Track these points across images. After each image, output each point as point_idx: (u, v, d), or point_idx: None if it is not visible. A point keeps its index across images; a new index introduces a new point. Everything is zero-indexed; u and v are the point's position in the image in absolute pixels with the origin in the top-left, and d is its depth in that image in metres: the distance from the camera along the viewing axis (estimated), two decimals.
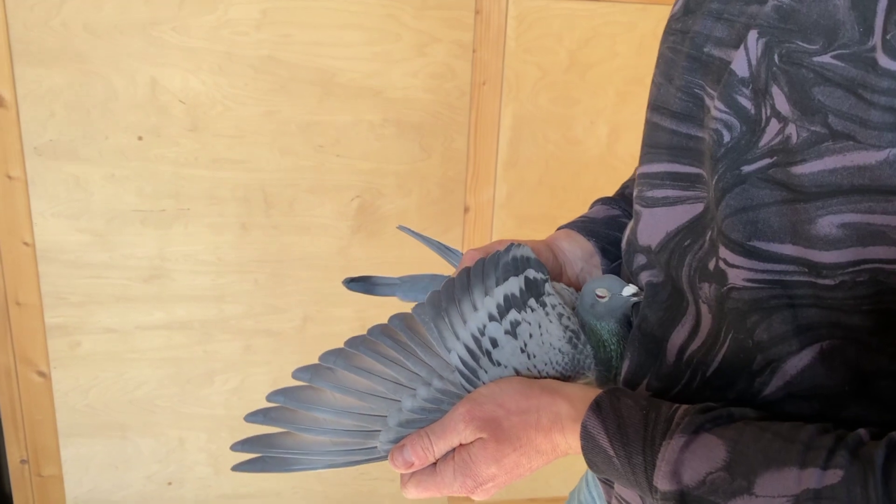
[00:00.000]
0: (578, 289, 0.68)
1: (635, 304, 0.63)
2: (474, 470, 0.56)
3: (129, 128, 1.42)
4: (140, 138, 1.43)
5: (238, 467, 0.62)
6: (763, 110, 0.48)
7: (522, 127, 1.54)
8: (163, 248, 1.50)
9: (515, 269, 0.61)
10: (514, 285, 0.61)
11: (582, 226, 0.72)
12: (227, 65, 1.41)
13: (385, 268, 1.56)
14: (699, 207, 0.56)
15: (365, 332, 0.60)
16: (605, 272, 0.70)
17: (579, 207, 1.74)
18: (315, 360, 0.61)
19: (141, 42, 1.37)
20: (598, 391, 0.55)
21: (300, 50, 1.42)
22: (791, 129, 0.46)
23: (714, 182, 0.52)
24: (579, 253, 0.70)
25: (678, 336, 0.57)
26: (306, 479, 1.72)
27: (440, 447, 0.57)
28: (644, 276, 0.61)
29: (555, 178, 1.59)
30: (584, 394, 0.56)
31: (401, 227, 0.76)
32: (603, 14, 1.49)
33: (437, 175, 1.55)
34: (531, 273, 0.62)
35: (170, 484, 1.67)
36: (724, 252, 0.51)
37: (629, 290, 0.62)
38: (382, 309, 0.63)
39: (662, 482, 0.48)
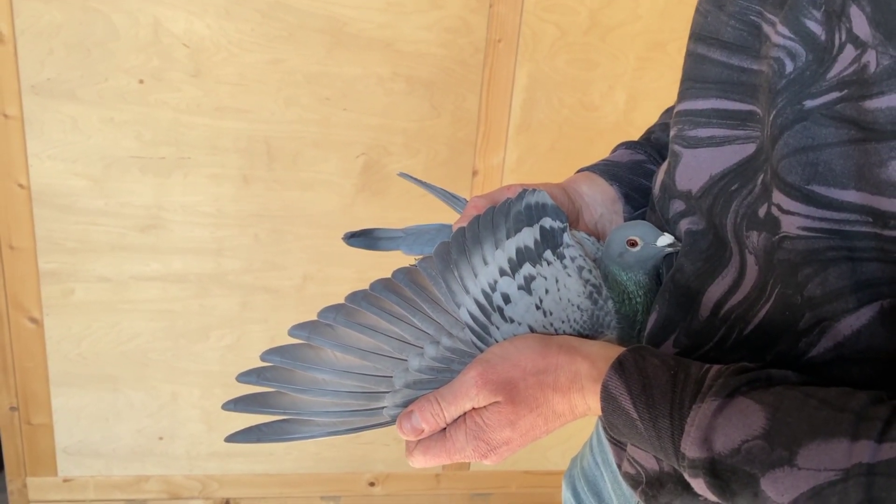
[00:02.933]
0: (598, 237, 0.63)
1: (667, 256, 0.58)
2: (488, 434, 0.53)
3: (130, 70, 1.37)
4: (141, 81, 1.38)
5: (232, 438, 0.57)
6: (837, 35, 0.43)
7: (537, 89, 1.49)
8: (161, 197, 1.46)
9: (529, 219, 0.57)
10: (527, 237, 0.56)
11: (605, 169, 0.68)
12: (233, 8, 1.36)
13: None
14: (750, 148, 0.51)
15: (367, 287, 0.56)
16: (627, 220, 0.65)
17: None
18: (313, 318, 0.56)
19: None
20: (621, 349, 0.51)
21: None
22: (869, 57, 0.41)
23: (771, 118, 0.47)
24: (599, 198, 0.65)
25: (717, 289, 0.53)
26: (301, 441, 1.69)
27: (451, 412, 0.54)
28: (683, 224, 0.56)
29: (568, 144, 1.54)
30: (605, 352, 0.52)
31: (402, 175, 0.71)
32: None
33: (446, 135, 1.50)
34: (547, 222, 0.57)
35: (161, 439, 1.65)
36: (778, 197, 0.47)
37: (665, 239, 0.57)
38: (385, 270, 0.58)
39: (691, 449, 0.45)
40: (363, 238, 0.65)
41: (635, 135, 1.60)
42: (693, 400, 0.46)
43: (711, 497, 0.46)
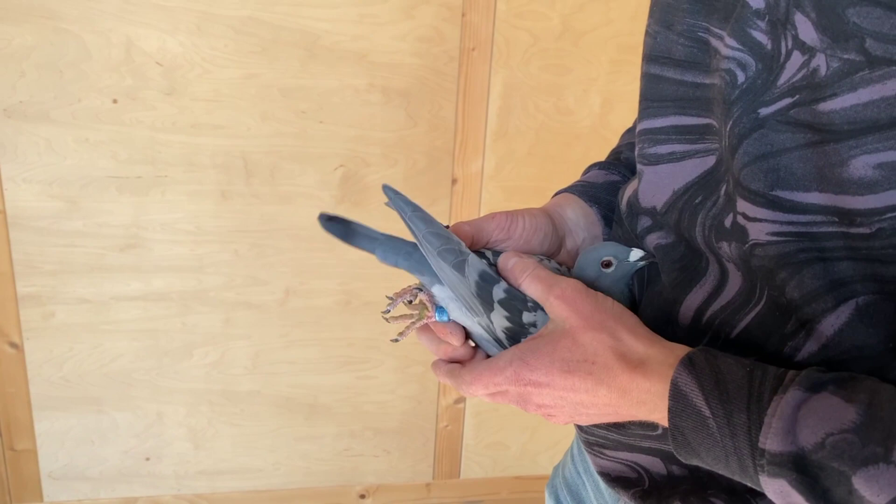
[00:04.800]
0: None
1: (640, 271, 0.58)
2: (535, 358, 0.50)
3: (104, 90, 1.36)
4: (115, 101, 1.37)
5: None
6: (783, 43, 0.44)
7: (512, 95, 1.49)
8: (139, 216, 1.45)
9: (488, 301, 0.55)
10: (499, 317, 0.55)
11: (583, 190, 0.67)
12: (206, 25, 1.35)
13: None
14: (710, 161, 0.51)
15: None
16: (607, 240, 0.65)
17: (570, 180, 1.69)
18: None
19: (116, 0, 1.31)
20: (689, 348, 0.49)
21: (283, 10, 1.37)
22: (819, 61, 0.42)
23: (728, 129, 0.47)
24: (582, 222, 0.65)
25: (695, 297, 0.52)
26: (289, 456, 1.68)
27: (527, 284, 0.53)
28: (651, 240, 0.57)
29: (545, 148, 1.54)
30: (680, 349, 0.49)
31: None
32: None
33: (423, 144, 1.50)
34: (498, 292, 0.56)
35: (147, 459, 1.63)
36: (743, 205, 0.47)
37: (636, 253, 0.57)
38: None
39: (773, 441, 0.41)
40: (339, 225, 0.60)
41: (611, 137, 1.63)
42: (773, 392, 0.43)
43: None
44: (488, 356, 0.56)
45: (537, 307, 0.54)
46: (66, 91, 1.35)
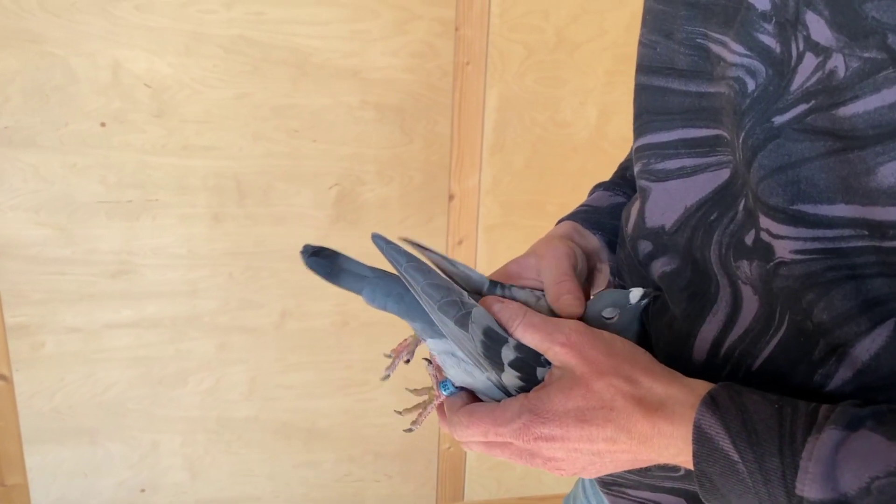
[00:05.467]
0: (587, 294, 0.59)
1: (651, 303, 0.55)
2: (547, 409, 0.46)
3: (91, 114, 1.33)
4: (103, 125, 1.34)
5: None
6: (793, 45, 0.41)
7: (508, 109, 1.47)
8: (130, 242, 1.42)
9: (497, 362, 0.50)
10: (511, 377, 0.51)
11: (586, 217, 0.64)
12: (194, 45, 1.33)
13: (368, 260, 1.47)
14: (724, 174, 0.48)
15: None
16: (613, 267, 0.61)
17: (568, 193, 1.67)
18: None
19: (102, 21, 1.29)
20: (710, 385, 0.45)
21: (273, 29, 1.34)
22: (835, 62, 0.38)
23: (741, 141, 0.44)
24: (588, 249, 0.61)
25: (710, 328, 0.49)
26: (288, 483, 1.64)
27: (530, 332, 0.49)
28: (656, 267, 0.53)
29: (543, 162, 1.52)
30: (702, 386, 0.46)
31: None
32: None
33: (419, 160, 1.47)
34: (508, 354, 0.50)
35: (143, 491, 1.59)
36: (765, 222, 0.44)
37: (635, 294, 0.53)
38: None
39: (812, 488, 0.38)
40: (325, 262, 0.54)
41: (609, 149, 1.60)
42: (807, 432, 0.39)
43: None
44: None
45: (549, 361, 0.50)
46: (53, 115, 1.32)
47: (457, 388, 0.53)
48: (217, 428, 1.56)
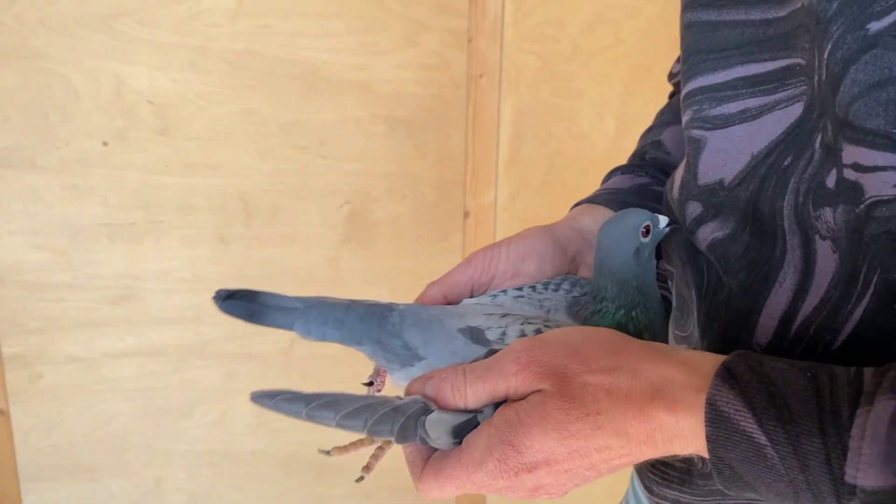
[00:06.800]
0: None
1: (695, 277, 0.49)
2: (521, 434, 0.38)
3: (93, 132, 1.29)
4: (105, 144, 1.30)
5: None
6: None
7: (523, 122, 1.42)
8: (132, 266, 1.36)
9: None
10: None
11: (608, 198, 0.58)
12: (199, 60, 1.29)
13: (379, 280, 1.42)
14: (797, 109, 0.42)
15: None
16: None
17: None
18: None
19: (103, 37, 1.25)
20: (717, 357, 0.38)
21: (280, 42, 1.30)
22: None
23: (826, 56, 0.38)
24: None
25: (777, 301, 0.42)
26: None
27: (476, 392, 0.40)
28: (704, 234, 0.47)
29: (561, 176, 1.46)
30: (710, 357, 0.38)
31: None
32: None
33: (432, 176, 1.42)
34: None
35: None
36: (853, 153, 0.37)
37: (664, 220, 0.48)
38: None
39: (868, 475, 0.31)
40: (243, 303, 0.48)
41: None
42: (854, 404, 0.32)
43: None
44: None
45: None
46: (53, 135, 1.28)
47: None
48: (223, 462, 1.49)
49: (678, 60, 0.67)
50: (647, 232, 0.47)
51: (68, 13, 1.23)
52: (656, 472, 0.51)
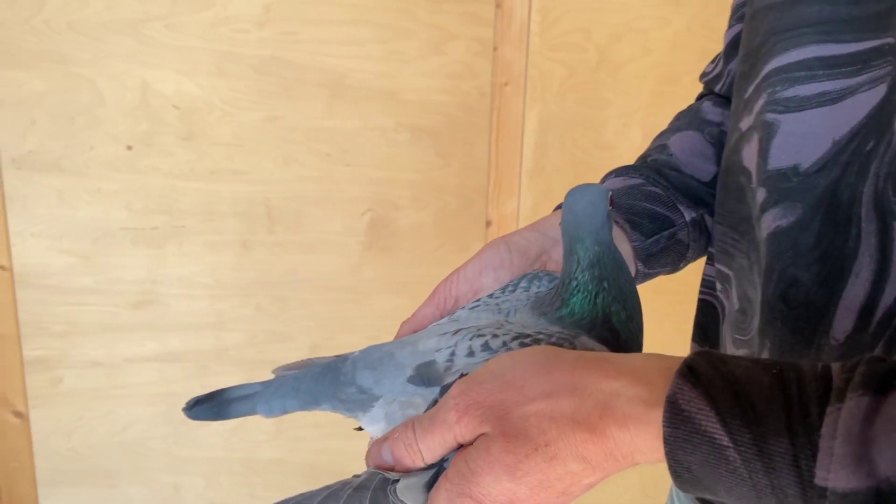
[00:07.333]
0: None
1: (767, 269, 0.46)
2: (475, 484, 0.37)
3: (118, 136, 1.29)
4: (130, 148, 1.30)
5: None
6: None
7: (548, 131, 1.41)
8: (155, 271, 1.35)
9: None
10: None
11: None
12: (225, 66, 1.29)
13: (400, 288, 1.41)
14: (880, 91, 0.40)
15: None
16: (639, 248, 0.54)
17: None
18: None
19: (130, 41, 1.25)
20: (677, 358, 0.36)
21: (306, 49, 1.30)
22: None
23: None
24: None
25: (854, 293, 0.40)
26: None
27: (428, 444, 0.39)
28: (767, 220, 0.45)
29: None
30: (656, 363, 0.36)
31: None
32: (634, 7, 1.37)
33: (455, 185, 1.41)
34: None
35: None
36: None
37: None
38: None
39: (840, 475, 0.29)
40: (209, 405, 0.49)
41: None
42: (824, 401, 0.30)
43: None
44: None
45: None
46: (79, 139, 1.28)
47: None
48: (242, 470, 1.47)
49: (713, 61, 0.66)
50: (612, 202, 0.45)
51: (97, 18, 1.23)
52: None
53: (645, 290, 0.50)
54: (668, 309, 1.36)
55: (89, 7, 1.22)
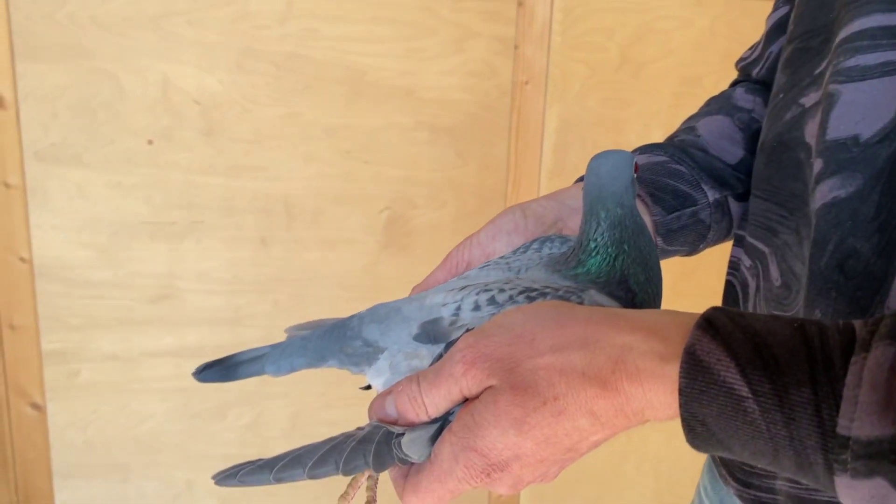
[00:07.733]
0: None
1: (816, 238, 0.46)
2: (480, 438, 0.36)
3: (139, 131, 1.29)
4: (150, 142, 1.30)
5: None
6: None
7: (569, 131, 1.40)
8: (173, 265, 1.36)
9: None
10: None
11: None
12: (246, 62, 1.29)
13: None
14: None
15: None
16: (659, 222, 0.54)
17: None
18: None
19: (152, 36, 1.25)
20: (693, 314, 0.35)
21: (327, 46, 1.30)
22: None
23: None
24: None
25: None
26: None
27: (433, 398, 0.39)
28: (822, 190, 0.44)
29: None
30: (673, 318, 0.35)
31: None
32: (656, 8, 1.36)
33: (474, 184, 1.40)
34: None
35: None
36: None
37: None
38: None
39: (863, 423, 0.29)
40: (217, 367, 0.50)
41: None
42: (848, 352, 0.30)
43: None
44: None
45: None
46: (100, 132, 1.28)
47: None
48: None
49: (751, 47, 0.66)
50: (637, 167, 0.45)
51: (119, 12, 1.24)
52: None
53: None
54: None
55: (112, 2, 1.23)
